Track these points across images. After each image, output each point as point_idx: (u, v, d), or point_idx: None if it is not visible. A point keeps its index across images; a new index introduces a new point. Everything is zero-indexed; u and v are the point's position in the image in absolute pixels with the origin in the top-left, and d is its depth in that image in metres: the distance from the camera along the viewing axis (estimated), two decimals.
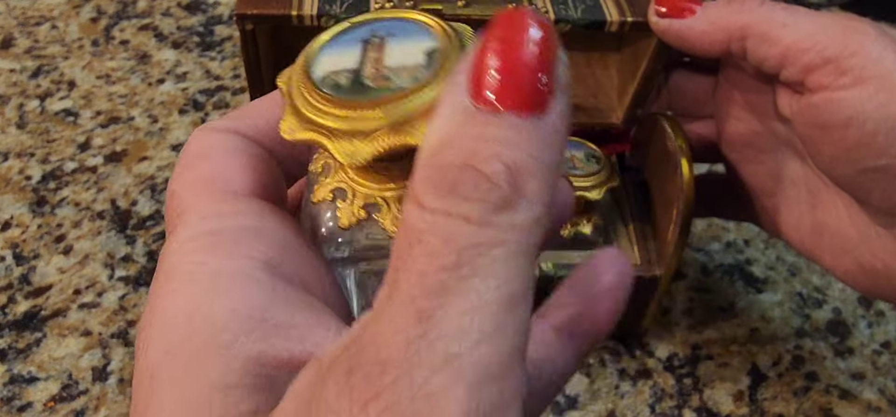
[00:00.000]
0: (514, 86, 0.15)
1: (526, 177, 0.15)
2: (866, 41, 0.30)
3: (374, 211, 0.19)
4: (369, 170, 0.19)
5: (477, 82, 0.15)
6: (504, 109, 0.15)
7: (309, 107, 0.18)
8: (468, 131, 0.15)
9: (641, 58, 0.40)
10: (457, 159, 0.15)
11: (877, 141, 0.30)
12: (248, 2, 0.35)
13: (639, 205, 0.44)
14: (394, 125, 0.17)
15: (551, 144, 0.16)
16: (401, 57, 0.18)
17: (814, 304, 0.48)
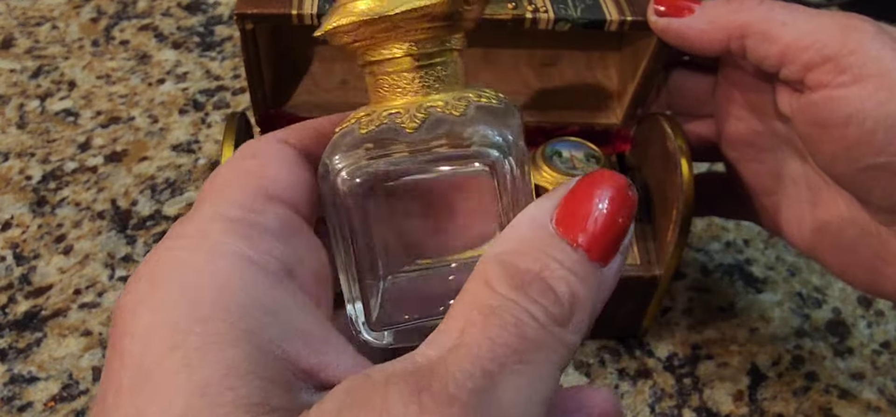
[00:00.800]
0: (595, 234, 0.18)
1: (579, 308, 0.18)
2: (865, 39, 0.30)
3: (396, 117, 0.20)
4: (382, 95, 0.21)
5: (562, 213, 0.18)
6: (580, 247, 0.18)
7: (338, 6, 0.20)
8: (547, 248, 0.18)
9: (641, 57, 0.40)
10: (533, 266, 0.18)
11: (876, 139, 0.30)
12: (249, 1, 0.35)
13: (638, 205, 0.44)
14: None
15: (603, 291, 0.19)
16: None
17: (813, 304, 0.48)
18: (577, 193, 0.19)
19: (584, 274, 0.18)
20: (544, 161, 0.41)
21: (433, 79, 0.21)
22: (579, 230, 0.18)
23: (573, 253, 0.18)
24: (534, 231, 0.18)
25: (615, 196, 0.19)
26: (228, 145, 0.37)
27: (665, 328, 0.46)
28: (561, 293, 0.18)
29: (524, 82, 0.45)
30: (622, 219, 0.19)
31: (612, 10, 0.37)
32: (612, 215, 0.18)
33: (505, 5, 0.37)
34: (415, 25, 0.20)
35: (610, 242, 0.18)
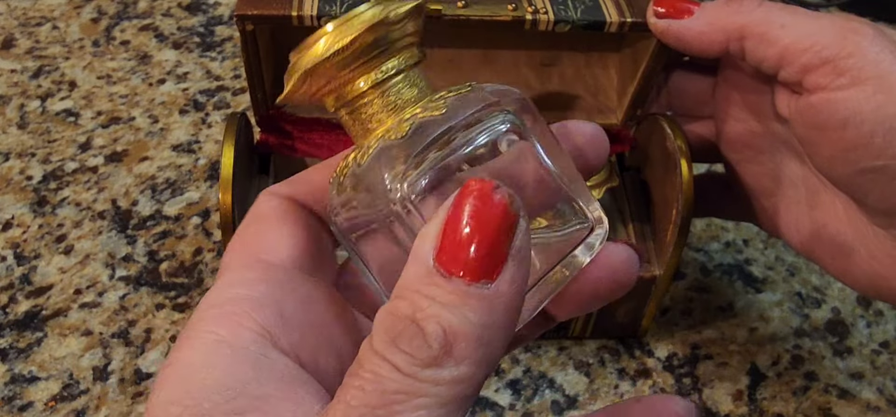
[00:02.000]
0: (462, 256, 0.18)
1: (459, 339, 0.17)
2: (864, 42, 0.31)
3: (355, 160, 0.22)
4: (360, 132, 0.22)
5: (440, 243, 0.18)
6: (452, 275, 0.18)
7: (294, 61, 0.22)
8: (421, 287, 0.18)
9: (641, 58, 0.40)
10: (407, 311, 0.18)
11: (874, 141, 0.30)
12: (249, 2, 0.35)
13: (638, 206, 0.44)
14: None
15: (495, 308, 0.18)
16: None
17: (813, 304, 0.49)
18: (449, 217, 0.18)
19: (460, 302, 0.18)
20: None
21: (402, 99, 0.22)
22: (452, 256, 0.18)
23: (447, 284, 0.18)
24: (414, 269, 0.18)
25: (479, 208, 0.18)
26: (229, 145, 0.37)
27: (664, 328, 0.47)
28: (430, 332, 0.17)
29: (524, 83, 0.45)
30: (493, 230, 0.18)
31: (612, 12, 0.37)
32: (479, 231, 0.18)
33: (505, 6, 0.37)
34: (352, 64, 0.21)
35: (486, 259, 0.18)
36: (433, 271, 0.18)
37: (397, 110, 0.22)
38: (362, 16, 0.21)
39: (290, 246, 0.22)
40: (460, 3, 0.37)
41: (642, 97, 0.42)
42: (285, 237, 0.23)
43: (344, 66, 0.21)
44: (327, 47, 0.21)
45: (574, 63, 0.44)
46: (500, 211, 0.18)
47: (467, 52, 0.44)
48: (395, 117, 0.22)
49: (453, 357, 0.17)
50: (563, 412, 0.42)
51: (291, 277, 0.22)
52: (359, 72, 0.22)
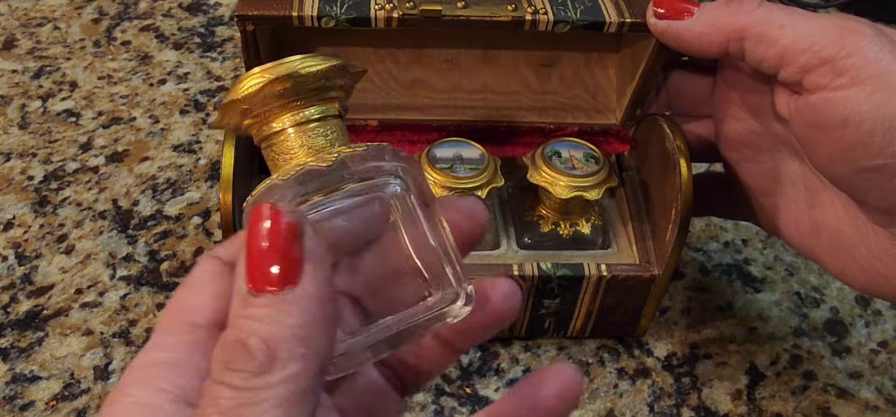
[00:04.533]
0: (262, 271, 0.19)
1: (279, 343, 0.19)
2: (863, 41, 0.31)
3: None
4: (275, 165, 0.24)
5: (248, 265, 0.20)
6: (259, 291, 0.19)
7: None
8: (241, 311, 0.20)
9: (640, 58, 0.40)
10: (232, 336, 0.19)
11: (874, 141, 0.30)
12: (249, 3, 0.36)
13: (637, 205, 0.44)
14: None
15: (307, 307, 0.20)
16: None
17: (812, 304, 0.49)
18: (247, 244, 0.20)
19: (269, 312, 0.19)
20: (544, 161, 0.41)
21: (312, 144, 0.23)
22: (255, 274, 0.20)
23: (259, 301, 0.19)
24: (235, 301, 0.20)
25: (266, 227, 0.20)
26: (229, 145, 0.37)
27: (664, 327, 0.47)
28: (253, 346, 0.19)
29: (524, 82, 0.45)
30: (280, 237, 0.20)
31: (612, 12, 0.38)
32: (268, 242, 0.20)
33: (504, 7, 0.37)
34: (269, 104, 0.23)
35: (282, 265, 0.19)
36: (246, 292, 0.20)
37: (304, 154, 0.23)
38: (282, 65, 0.23)
39: (214, 307, 0.23)
40: (460, 4, 0.37)
41: (641, 97, 0.42)
42: (210, 298, 0.23)
43: (262, 104, 0.23)
44: (243, 88, 0.23)
45: (573, 63, 0.44)
46: (283, 223, 0.20)
47: (467, 52, 0.44)
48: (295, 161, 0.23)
49: (279, 360, 0.19)
50: None
51: (211, 337, 0.23)
52: (274, 114, 0.23)
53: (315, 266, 0.20)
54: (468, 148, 0.42)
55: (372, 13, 0.36)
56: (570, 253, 0.43)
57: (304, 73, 0.23)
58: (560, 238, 0.43)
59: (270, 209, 0.20)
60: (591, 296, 0.42)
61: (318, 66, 0.23)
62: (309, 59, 0.23)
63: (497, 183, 0.41)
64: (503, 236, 0.43)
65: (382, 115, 0.43)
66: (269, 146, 0.24)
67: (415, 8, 0.36)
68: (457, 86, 0.44)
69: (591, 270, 0.41)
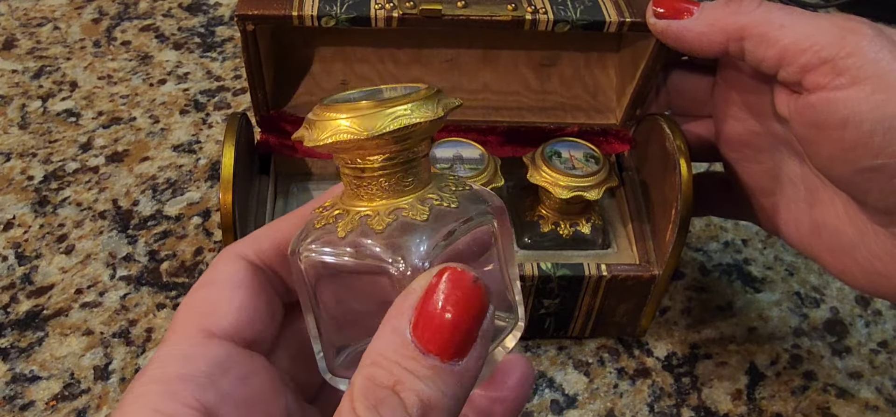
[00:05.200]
0: (441, 338, 0.19)
1: (433, 410, 0.19)
2: (863, 41, 0.31)
3: (340, 219, 0.23)
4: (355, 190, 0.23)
5: (417, 319, 0.20)
6: (429, 352, 0.19)
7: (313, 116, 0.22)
8: (399, 359, 0.19)
9: (640, 58, 0.40)
10: (386, 381, 0.19)
11: (874, 141, 0.30)
12: (249, 3, 0.36)
13: (637, 205, 0.44)
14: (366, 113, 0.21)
15: (463, 383, 0.20)
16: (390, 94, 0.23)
17: (811, 303, 0.49)
18: (428, 297, 0.20)
19: (436, 377, 0.19)
20: (544, 161, 0.41)
21: (405, 182, 0.23)
22: (431, 335, 0.19)
23: (425, 360, 0.19)
24: (392, 340, 0.20)
25: (461, 298, 0.20)
26: (229, 145, 0.37)
27: (664, 327, 0.47)
28: (410, 404, 0.19)
29: (524, 82, 0.45)
30: (471, 318, 0.20)
31: (611, 12, 0.38)
32: (459, 318, 0.20)
33: (504, 6, 0.37)
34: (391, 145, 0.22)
35: (462, 342, 0.20)
36: (411, 344, 0.19)
37: (398, 191, 0.23)
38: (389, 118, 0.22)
39: (237, 319, 0.23)
40: (460, 3, 0.37)
41: (641, 97, 0.42)
42: (234, 309, 0.24)
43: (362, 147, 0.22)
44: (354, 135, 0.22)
45: (573, 63, 0.44)
46: (478, 301, 0.20)
47: (467, 51, 0.44)
48: (396, 196, 0.23)
49: None
50: (563, 411, 0.42)
51: (231, 354, 0.23)
52: (374, 150, 0.23)
53: (483, 346, 0.20)
54: (468, 148, 0.42)
55: (372, 13, 0.36)
56: (570, 253, 0.43)
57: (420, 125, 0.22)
58: (560, 238, 0.43)
59: (473, 283, 0.20)
60: (591, 296, 0.42)
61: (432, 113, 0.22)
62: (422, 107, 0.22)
63: (497, 183, 0.41)
64: None
65: None
66: (358, 173, 0.23)
67: (415, 8, 0.36)
68: (457, 86, 0.44)
69: (591, 270, 0.41)
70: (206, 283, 0.24)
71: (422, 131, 0.22)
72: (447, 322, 0.20)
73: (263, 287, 0.25)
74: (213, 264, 0.25)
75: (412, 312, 0.20)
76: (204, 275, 0.25)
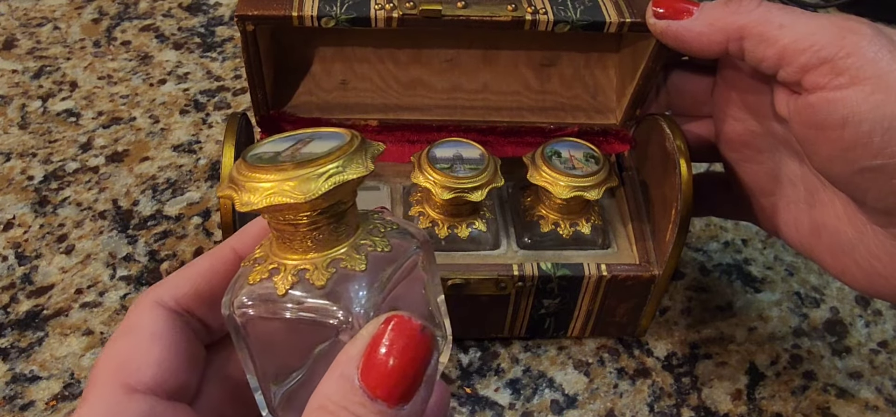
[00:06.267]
0: (388, 384, 0.20)
1: None
2: (862, 42, 0.31)
3: (275, 274, 0.23)
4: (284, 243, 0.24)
5: (365, 366, 0.20)
6: (377, 398, 0.20)
7: (237, 172, 0.23)
8: (347, 404, 0.20)
9: (640, 58, 0.40)
10: None
11: (873, 141, 0.30)
12: (249, 3, 0.36)
13: (637, 205, 0.44)
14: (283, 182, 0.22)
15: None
16: (314, 148, 0.23)
17: (811, 304, 0.49)
18: (375, 345, 0.21)
19: None
20: (544, 161, 0.41)
21: (335, 234, 0.24)
22: (378, 382, 0.20)
23: (372, 405, 0.20)
24: (340, 385, 0.21)
25: (407, 345, 0.20)
26: (229, 145, 0.37)
27: (664, 327, 0.47)
28: None
29: (524, 82, 0.45)
30: (417, 365, 0.21)
31: (612, 12, 0.38)
32: (405, 365, 0.20)
33: (504, 7, 0.37)
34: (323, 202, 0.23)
35: (408, 387, 0.21)
36: (359, 390, 0.20)
37: (332, 241, 0.24)
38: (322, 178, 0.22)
39: (158, 371, 0.24)
40: (460, 4, 0.37)
41: (641, 97, 0.42)
42: (154, 362, 0.24)
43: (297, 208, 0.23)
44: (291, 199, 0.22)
45: (573, 63, 0.44)
46: (424, 348, 0.21)
47: (467, 52, 0.44)
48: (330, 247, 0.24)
49: None
50: (563, 411, 0.42)
51: (154, 407, 0.24)
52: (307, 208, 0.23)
53: (427, 390, 0.21)
54: (468, 148, 0.42)
55: (372, 13, 0.36)
56: (570, 253, 0.43)
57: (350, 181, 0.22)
58: (560, 238, 0.43)
59: (420, 331, 0.21)
60: (591, 296, 0.42)
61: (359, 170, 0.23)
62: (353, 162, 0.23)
63: (497, 183, 0.41)
64: (503, 236, 0.43)
65: (382, 115, 0.43)
66: (285, 227, 0.23)
67: (415, 8, 0.36)
68: (457, 86, 0.44)
69: (591, 270, 0.41)
70: (124, 333, 0.24)
71: (354, 186, 0.23)
72: (393, 369, 0.20)
73: (184, 333, 0.25)
74: (131, 312, 0.25)
75: (360, 359, 0.20)
76: (122, 324, 0.25)
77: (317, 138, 0.24)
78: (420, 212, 0.43)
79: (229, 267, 0.26)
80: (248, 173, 0.22)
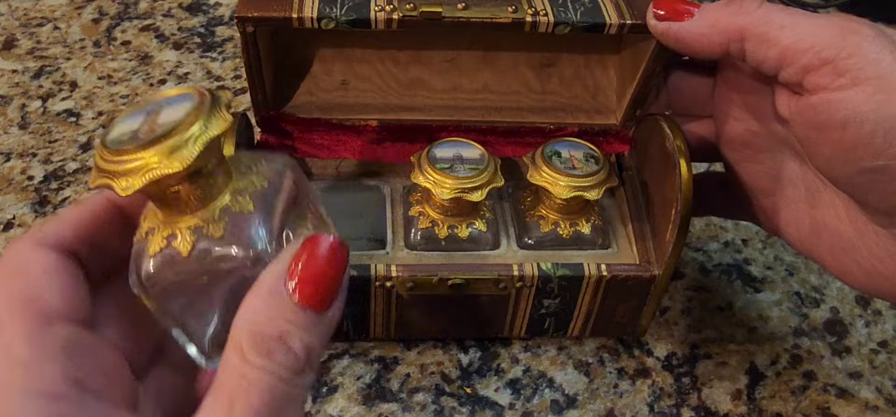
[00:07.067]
0: (315, 293, 0.23)
1: (313, 353, 0.23)
2: (863, 42, 0.31)
3: (173, 239, 0.25)
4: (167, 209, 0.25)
5: (295, 281, 0.23)
6: (307, 307, 0.23)
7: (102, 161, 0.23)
8: (283, 313, 0.23)
9: (640, 59, 0.40)
10: (274, 332, 0.22)
11: (874, 142, 0.30)
12: (249, 4, 0.36)
13: (637, 205, 0.44)
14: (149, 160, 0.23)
15: (331, 326, 0.24)
16: (168, 116, 0.24)
17: (811, 303, 0.49)
18: (298, 261, 0.23)
19: (312, 326, 0.23)
20: (544, 161, 0.41)
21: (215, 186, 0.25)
22: (307, 292, 0.23)
23: (302, 313, 0.23)
24: (272, 299, 0.23)
25: (329, 257, 0.23)
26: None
27: (664, 327, 0.47)
28: (297, 350, 0.23)
29: (524, 82, 0.45)
30: (337, 272, 0.24)
31: (612, 14, 0.37)
32: (328, 275, 0.23)
33: (505, 8, 0.37)
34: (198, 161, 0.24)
35: (330, 294, 0.23)
36: (289, 302, 0.23)
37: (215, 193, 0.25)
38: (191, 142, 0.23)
39: (67, 299, 0.24)
40: (460, 5, 0.37)
41: (642, 98, 0.42)
42: (58, 292, 0.24)
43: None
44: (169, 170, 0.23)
45: (574, 64, 0.44)
46: (342, 258, 0.24)
47: (467, 52, 0.44)
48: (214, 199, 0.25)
49: (311, 367, 0.23)
50: (563, 411, 0.42)
51: (73, 331, 0.24)
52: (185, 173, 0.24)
53: (344, 293, 0.24)
54: (468, 148, 0.42)
55: (372, 15, 0.36)
56: (570, 253, 0.43)
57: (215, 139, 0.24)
58: (560, 238, 0.43)
59: (339, 245, 0.24)
60: (591, 296, 0.42)
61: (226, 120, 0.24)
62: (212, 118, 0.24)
63: (497, 183, 0.41)
64: (503, 236, 0.43)
65: (382, 115, 0.43)
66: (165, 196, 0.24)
67: (415, 9, 0.36)
68: (457, 87, 0.44)
69: (591, 270, 0.41)
70: (11, 276, 0.24)
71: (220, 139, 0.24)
72: (319, 277, 0.23)
73: (75, 270, 0.25)
74: (9, 258, 0.25)
75: (285, 277, 0.23)
76: (3, 267, 0.25)
77: (165, 105, 0.25)
78: (420, 212, 0.43)
79: (107, 212, 0.27)
80: (116, 158, 0.23)
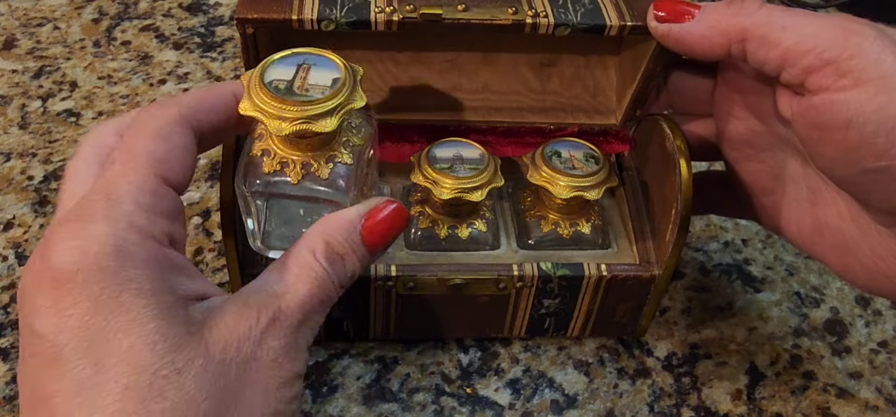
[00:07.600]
0: (376, 239, 0.30)
1: (354, 277, 0.30)
2: (865, 43, 0.31)
3: (285, 167, 0.31)
4: (286, 141, 0.31)
5: (367, 224, 0.30)
6: (366, 245, 0.30)
7: (258, 97, 0.30)
8: (351, 242, 0.29)
9: (641, 60, 0.40)
10: (341, 250, 0.29)
11: (877, 142, 0.30)
12: (250, 5, 0.35)
13: (637, 205, 0.44)
14: (305, 118, 0.29)
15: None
16: (317, 79, 0.30)
17: (811, 303, 0.49)
18: (375, 212, 0.30)
19: (363, 260, 0.30)
20: (544, 161, 0.41)
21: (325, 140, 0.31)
22: (372, 237, 0.30)
23: (362, 247, 0.29)
24: (347, 225, 0.29)
25: (395, 219, 0.30)
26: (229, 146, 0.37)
27: (664, 327, 0.47)
28: (350, 269, 0.29)
29: (524, 83, 0.45)
30: (395, 232, 0.30)
31: (612, 15, 0.37)
32: (390, 231, 0.30)
33: (505, 10, 0.37)
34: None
35: (384, 243, 0.30)
36: (358, 235, 0.29)
37: (325, 144, 0.31)
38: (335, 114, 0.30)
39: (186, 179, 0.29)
40: (460, 7, 0.37)
41: (642, 98, 0.42)
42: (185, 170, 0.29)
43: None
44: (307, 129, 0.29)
45: (574, 64, 0.44)
46: (403, 222, 0.31)
47: (467, 52, 0.44)
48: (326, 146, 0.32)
49: (346, 286, 0.29)
50: (563, 411, 0.42)
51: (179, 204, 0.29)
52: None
53: (390, 246, 0.31)
54: (468, 148, 0.42)
55: (372, 16, 0.36)
56: (570, 253, 0.43)
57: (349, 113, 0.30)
58: (560, 238, 0.43)
59: (405, 212, 0.31)
60: (591, 296, 0.42)
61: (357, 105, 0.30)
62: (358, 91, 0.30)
63: (497, 183, 0.41)
64: (503, 236, 0.43)
65: (382, 115, 0.43)
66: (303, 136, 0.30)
67: (415, 11, 0.36)
68: (457, 87, 0.44)
69: (591, 270, 0.41)
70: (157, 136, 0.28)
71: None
72: (384, 230, 0.30)
73: (195, 149, 0.30)
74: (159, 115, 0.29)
75: (363, 216, 0.30)
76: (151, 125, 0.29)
77: (314, 64, 0.31)
78: (420, 212, 0.43)
79: (228, 108, 0.31)
80: (270, 100, 0.29)
